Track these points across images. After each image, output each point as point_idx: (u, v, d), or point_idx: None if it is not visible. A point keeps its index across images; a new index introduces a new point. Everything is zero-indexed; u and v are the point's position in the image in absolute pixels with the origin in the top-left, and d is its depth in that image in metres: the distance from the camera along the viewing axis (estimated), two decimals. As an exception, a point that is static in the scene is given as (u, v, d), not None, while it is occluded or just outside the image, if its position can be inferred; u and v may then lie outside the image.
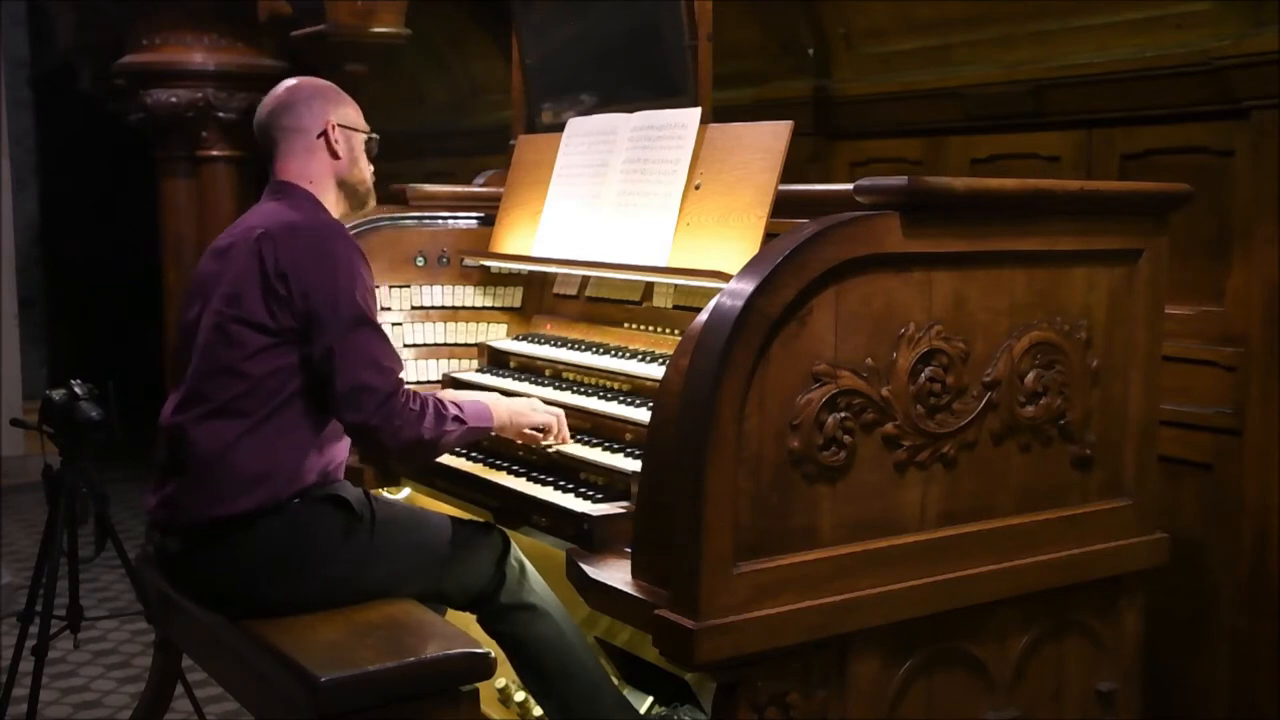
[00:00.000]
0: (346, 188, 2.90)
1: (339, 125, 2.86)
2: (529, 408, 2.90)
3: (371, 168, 2.96)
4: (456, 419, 2.73)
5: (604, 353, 3.16)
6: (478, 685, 2.56)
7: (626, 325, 3.26)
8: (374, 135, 2.96)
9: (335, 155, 2.86)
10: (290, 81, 2.94)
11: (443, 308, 3.57)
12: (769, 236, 2.72)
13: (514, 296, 3.65)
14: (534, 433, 2.88)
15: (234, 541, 2.64)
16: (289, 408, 2.64)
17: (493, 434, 2.85)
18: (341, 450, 2.78)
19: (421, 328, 3.54)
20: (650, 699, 3.11)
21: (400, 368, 2.71)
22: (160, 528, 2.77)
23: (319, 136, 2.84)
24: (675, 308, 3.15)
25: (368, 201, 2.99)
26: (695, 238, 2.96)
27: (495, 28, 5.49)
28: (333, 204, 2.88)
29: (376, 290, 3.41)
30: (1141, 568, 2.73)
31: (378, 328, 2.71)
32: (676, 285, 3.11)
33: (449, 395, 3.07)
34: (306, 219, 2.74)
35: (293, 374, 2.64)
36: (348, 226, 3.40)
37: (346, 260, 2.68)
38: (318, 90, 2.90)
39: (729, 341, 2.11)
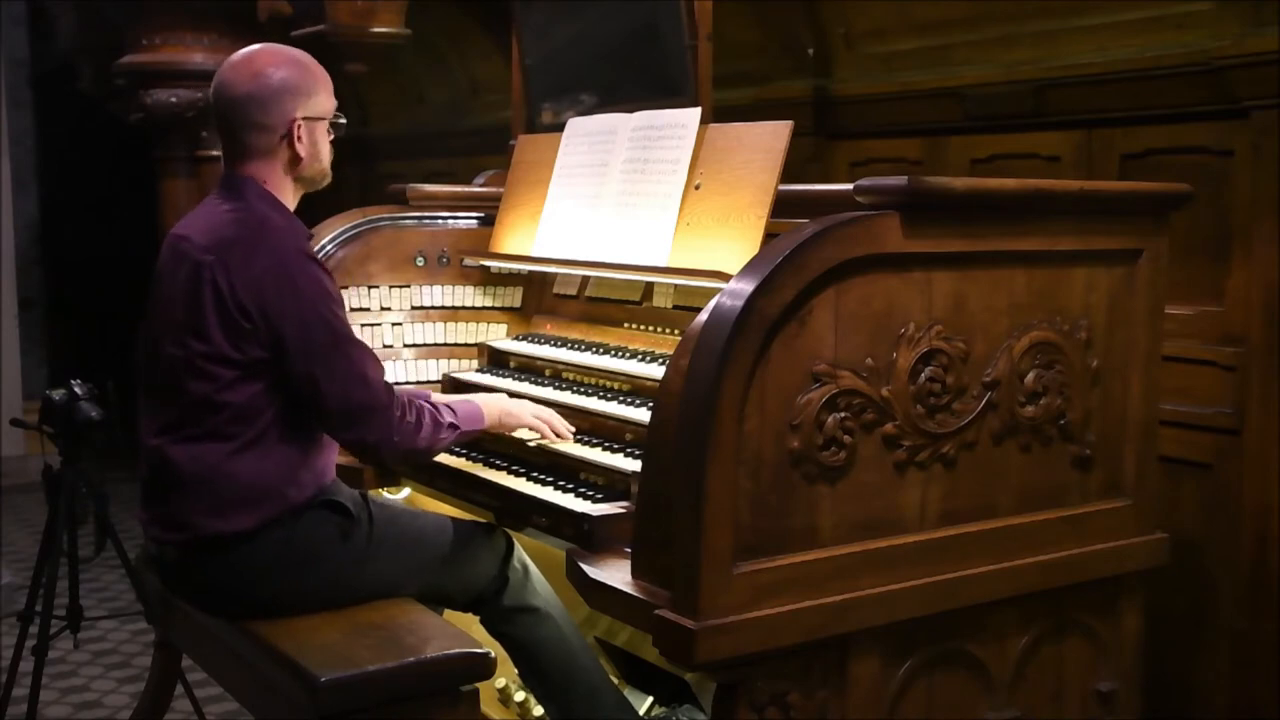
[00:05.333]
0: (304, 180, 2.79)
1: (304, 119, 2.70)
2: (518, 409, 2.91)
3: (331, 152, 2.80)
4: (451, 425, 2.75)
5: (604, 353, 3.16)
6: (478, 685, 2.56)
7: (626, 325, 3.26)
8: (340, 119, 2.81)
9: (298, 155, 2.72)
10: (259, 62, 2.71)
11: (443, 308, 3.57)
12: (769, 236, 2.72)
13: (514, 296, 3.65)
14: (527, 432, 2.91)
15: (232, 551, 2.63)
16: (274, 427, 2.61)
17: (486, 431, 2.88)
18: (330, 456, 2.76)
19: (421, 328, 3.54)
20: (650, 699, 3.11)
21: (383, 372, 2.70)
22: (155, 541, 2.75)
23: (283, 137, 2.70)
24: (675, 308, 3.14)
25: (322, 183, 2.84)
26: (695, 238, 2.96)
27: (495, 28, 5.48)
28: (289, 197, 2.77)
29: (374, 290, 3.45)
30: (1141, 568, 2.73)
31: (355, 340, 2.66)
32: (676, 285, 3.11)
33: (440, 399, 3.08)
34: (258, 235, 2.62)
35: (272, 395, 2.60)
36: (345, 228, 3.42)
37: (308, 279, 2.59)
38: (287, 83, 2.69)
39: (729, 342, 2.11)
